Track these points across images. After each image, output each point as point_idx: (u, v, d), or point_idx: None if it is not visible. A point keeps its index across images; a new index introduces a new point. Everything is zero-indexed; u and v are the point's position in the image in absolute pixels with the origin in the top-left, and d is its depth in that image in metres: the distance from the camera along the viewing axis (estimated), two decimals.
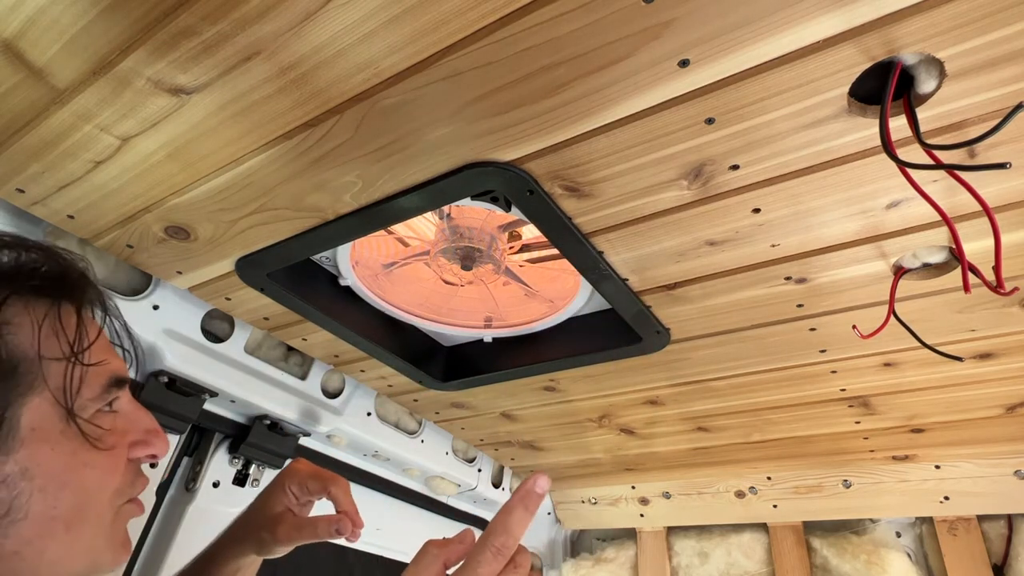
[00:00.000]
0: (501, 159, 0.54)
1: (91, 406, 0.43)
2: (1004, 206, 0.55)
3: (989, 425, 0.98)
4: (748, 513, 1.31)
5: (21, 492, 0.38)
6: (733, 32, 0.41)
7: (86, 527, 0.41)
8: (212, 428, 0.94)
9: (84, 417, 0.42)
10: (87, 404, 0.42)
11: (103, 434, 0.43)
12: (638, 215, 0.60)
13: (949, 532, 1.14)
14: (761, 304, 0.73)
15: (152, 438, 0.48)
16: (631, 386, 0.97)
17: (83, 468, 0.41)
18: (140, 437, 0.47)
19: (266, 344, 0.97)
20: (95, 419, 0.43)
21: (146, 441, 0.47)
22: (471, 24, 0.42)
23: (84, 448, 0.41)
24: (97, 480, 0.42)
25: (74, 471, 0.41)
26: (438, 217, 0.78)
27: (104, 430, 0.43)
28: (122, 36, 0.46)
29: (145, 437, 0.47)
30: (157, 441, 0.48)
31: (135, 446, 0.46)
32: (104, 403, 0.44)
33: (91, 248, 0.77)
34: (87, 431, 0.41)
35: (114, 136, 0.55)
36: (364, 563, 1.17)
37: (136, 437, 0.47)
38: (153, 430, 0.48)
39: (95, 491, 0.42)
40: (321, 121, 0.52)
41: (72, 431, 0.41)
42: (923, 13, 0.39)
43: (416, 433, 1.21)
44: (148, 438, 0.47)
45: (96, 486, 0.42)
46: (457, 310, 0.93)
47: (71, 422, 0.41)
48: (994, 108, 0.46)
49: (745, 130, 0.49)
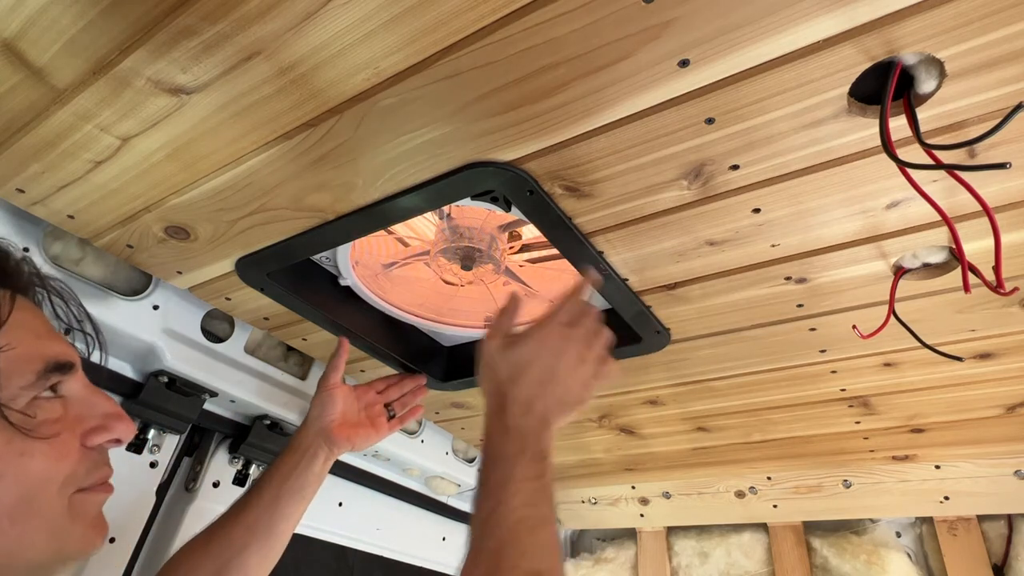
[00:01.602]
0: (501, 159, 0.54)
1: (24, 394, 0.41)
2: (1004, 206, 0.55)
3: (989, 425, 0.98)
4: (748, 513, 1.31)
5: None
6: (733, 32, 0.41)
7: (34, 518, 0.40)
8: (212, 428, 0.94)
9: (16, 407, 0.40)
10: (19, 392, 0.41)
11: (39, 423, 0.41)
12: (638, 215, 0.60)
13: (949, 532, 1.14)
14: (761, 304, 0.73)
15: (111, 422, 0.46)
16: (631, 386, 0.97)
17: (20, 458, 0.40)
18: (97, 423, 0.45)
19: (266, 344, 0.97)
20: (31, 407, 0.41)
21: (104, 426, 0.46)
22: (471, 24, 0.42)
23: (19, 437, 0.40)
24: (40, 469, 0.41)
25: (9, 461, 0.39)
26: (438, 217, 0.78)
27: (36, 419, 0.41)
28: (122, 36, 0.46)
29: (103, 422, 0.46)
30: (118, 425, 0.46)
31: (92, 432, 0.45)
32: (41, 390, 0.43)
33: (91, 248, 0.77)
34: (16, 421, 0.40)
35: (114, 136, 0.55)
36: (364, 563, 1.17)
37: (93, 423, 0.45)
38: (113, 414, 0.46)
39: (39, 481, 0.41)
40: (321, 121, 0.52)
41: (1, 422, 0.39)
42: (923, 13, 0.39)
43: (416, 433, 1.21)
44: (107, 423, 0.46)
45: (40, 475, 0.41)
46: (457, 310, 0.93)
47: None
48: (994, 108, 0.46)
49: (745, 130, 0.49)
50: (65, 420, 0.44)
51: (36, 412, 0.42)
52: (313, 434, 0.79)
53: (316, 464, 0.77)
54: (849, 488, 1.21)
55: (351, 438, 0.81)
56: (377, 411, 0.87)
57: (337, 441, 0.79)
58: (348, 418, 0.82)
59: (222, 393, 0.90)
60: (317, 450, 0.78)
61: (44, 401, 0.43)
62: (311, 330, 0.87)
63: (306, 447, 0.78)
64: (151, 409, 0.83)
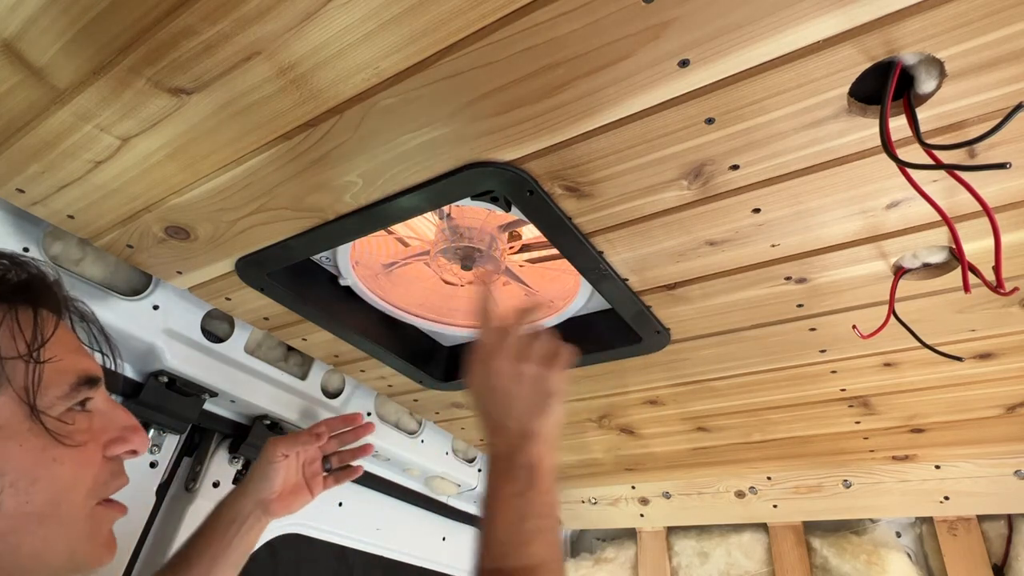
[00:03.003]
0: (501, 159, 0.54)
1: (60, 404, 0.44)
2: (1004, 206, 0.55)
3: (989, 425, 0.98)
4: (748, 513, 1.31)
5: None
6: (733, 32, 0.41)
7: (60, 522, 0.42)
8: (212, 428, 0.94)
9: (52, 415, 0.43)
10: (55, 402, 0.44)
11: (71, 431, 0.44)
12: (638, 215, 0.60)
13: (949, 532, 1.14)
14: (761, 304, 0.73)
15: (129, 434, 0.49)
16: (631, 386, 0.97)
17: (53, 463, 0.42)
18: (117, 434, 0.48)
19: (266, 344, 0.97)
20: (64, 417, 0.44)
21: (123, 438, 0.48)
22: (471, 24, 0.42)
23: (53, 444, 0.43)
24: (69, 475, 0.43)
25: (44, 466, 0.42)
26: (438, 217, 0.78)
27: (71, 427, 0.44)
28: (122, 36, 0.46)
29: (122, 434, 0.49)
30: (135, 437, 0.49)
31: (112, 443, 0.48)
32: (74, 402, 0.45)
33: (91, 248, 0.77)
34: (52, 427, 0.43)
35: (114, 136, 0.55)
36: (364, 563, 1.17)
37: (113, 435, 0.48)
38: (131, 426, 0.49)
39: (68, 486, 0.43)
40: (321, 121, 0.52)
41: (39, 428, 0.42)
42: (923, 13, 0.39)
43: (416, 433, 1.21)
44: (125, 434, 0.49)
45: (68, 481, 0.43)
46: (457, 310, 0.93)
47: (36, 419, 0.42)
48: (994, 108, 0.46)
49: (745, 130, 0.49)
50: (91, 431, 0.46)
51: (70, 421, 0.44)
52: (251, 504, 0.76)
53: (252, 535, 0.76)
54: (849, 488, 1.21)
55: (289, 506, 0.80)
56: (315, 469, 0.85)
57: (275, 512, 0.78)
58: (287, 487, 0.80)
59: (222, 393, 0.90)
60: (255, 522, 0.76)
61: (75, 413, 0.46)
62: (311, 330, 0.87)
63: (244, 517, 0.75)
64: (151, 409, 0.83)
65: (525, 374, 0.62)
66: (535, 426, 0.60)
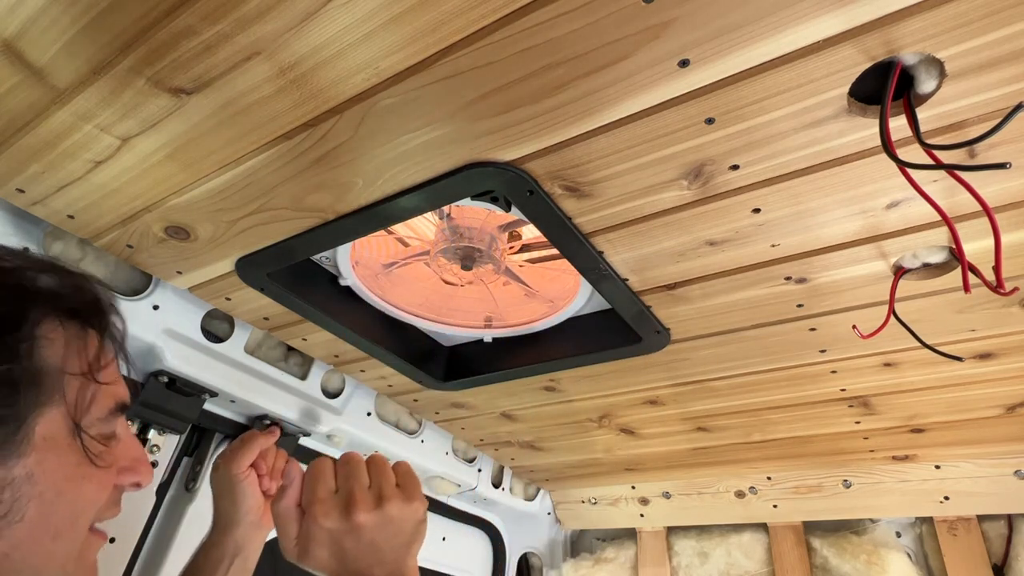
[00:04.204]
0: (501, 159, 0.54)
1: (98, 425, 0.46)
2: (1004, 206, 0.55)
3: (989, 425, 0.98)
4: (748, 513, 1.31)
5: (22, 496, 0.39)
6: (733, 32, 0.41)
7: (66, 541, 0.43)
8: (212, 428, 0.94)
9: (90, 434, 0.44)
10: (95, 423, 0.45)
11: (103, 451, 0.45)
12: (638, 215, 0.60)
13: (949, 532, 1.14)
14: (761, 304, 0.73)
15: (140, 466, 0.51)
16: (631, 386, 0.97)
17: (81, 480, 0.43)
18: (130, 464, 0.50)
19: (266, 344, 0.97)
20: (99, 438, 0.45)
21: (134, 468, 0.50)
22: (471, 24, 0.42)
23: (85, 463, 0.44)
24: (91, 495, 0.44)
25: (73, 482, 0.43)
26: (438, 217, 0.78)
27: (103, 448, 0.46)
28: (122, 36, 0.46)
29: (133, 464, 0.50)
30: (143, 470, 0.51)
31: (124, 472, 0.49)
32: (109, 425, 0.47)
33: (91, 248, 0.77)
34: (89, 446, 0.44)
35: (114, 136, 0.55)
36: None
37: (126, 463, 0.49)
38: (142, 459, 0.51)
39: (86, 505, 0.44)
40: (321, 121, 0.52)
41: (77, 445, 0.43)
42: (923, 13, 0.39)
43: (416, 433, 1.21)
44: (136, 465, 0.50)
45: (89, 500, 0.44)
46: (457, 310, 0.93)
47: (77, 436, 0.43)
48: (994, 108, 0.46)
49: (745, 130, 0.49)
50: (113, 455, 0.47)
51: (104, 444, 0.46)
52: (243, 531, 0.73)
53: (251, 563, 0.73)
54: (849, 488, 1.21)
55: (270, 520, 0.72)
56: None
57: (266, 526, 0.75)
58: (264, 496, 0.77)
59: (222, 393, 0.90)
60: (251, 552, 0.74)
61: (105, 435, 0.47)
62: (311, 330, 0.87)
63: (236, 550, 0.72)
64: (151, 409, 0.83)
65: (391, 515, 0.56)
66: (410, 562, 0.57)
